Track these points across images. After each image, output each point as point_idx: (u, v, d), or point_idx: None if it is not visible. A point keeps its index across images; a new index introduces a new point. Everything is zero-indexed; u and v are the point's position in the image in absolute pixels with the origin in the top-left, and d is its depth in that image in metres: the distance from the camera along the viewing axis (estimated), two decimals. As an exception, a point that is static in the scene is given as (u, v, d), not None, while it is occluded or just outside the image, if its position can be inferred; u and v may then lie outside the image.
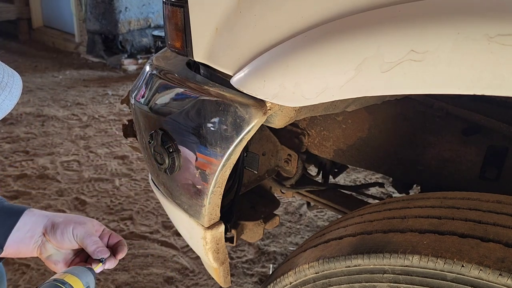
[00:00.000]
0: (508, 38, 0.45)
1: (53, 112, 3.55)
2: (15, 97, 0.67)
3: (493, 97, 0.94)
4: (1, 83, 0.65)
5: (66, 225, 0.82)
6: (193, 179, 0.84)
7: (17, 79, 0.70)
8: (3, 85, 0.65)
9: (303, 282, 0.74)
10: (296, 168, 1.21)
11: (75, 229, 0.82)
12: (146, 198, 2.37)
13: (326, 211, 2.29)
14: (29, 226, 0.82)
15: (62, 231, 0.82)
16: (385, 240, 0.63)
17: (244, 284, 1.79)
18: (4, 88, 0.65)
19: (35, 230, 0.82)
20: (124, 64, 4.89)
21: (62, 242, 0.82)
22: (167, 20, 0.88)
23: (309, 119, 1.22)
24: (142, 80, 0.98)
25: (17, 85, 0.69)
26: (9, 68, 0.70)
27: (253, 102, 0.72)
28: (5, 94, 0.65)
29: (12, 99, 0.66)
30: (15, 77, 0.70)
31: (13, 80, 0.68)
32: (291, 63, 0.63)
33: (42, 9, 5.95)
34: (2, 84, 0.65)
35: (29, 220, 0.82)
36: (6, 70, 0.69)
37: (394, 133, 1.12)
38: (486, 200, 0.65)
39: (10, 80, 0.67)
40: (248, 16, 0.70)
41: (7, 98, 0.65)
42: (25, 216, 0.82)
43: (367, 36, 0.54)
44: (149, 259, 1.91)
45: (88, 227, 0.84)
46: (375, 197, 1.73)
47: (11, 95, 0.66)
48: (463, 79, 0.48)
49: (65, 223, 0.82)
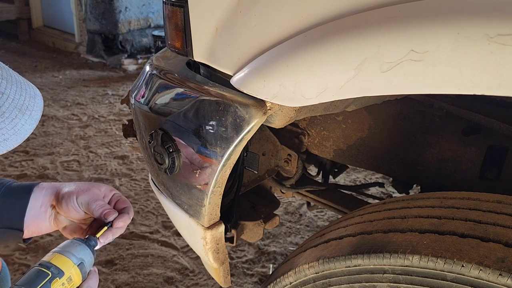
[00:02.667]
0: (508, 38, 0.45)
1: (53, 112, 3.55)
2: (35, 121, 0.65)
3: (493, 97, 0.94)
4: (22, 107, 0.62)
5: (69, 195, 0.80)
6: (193, 179, 0.84)
7: (39, 100, 0.67)
8: (24, 108, 0.63)
9: (303, 282, 0.74)
10: (296, 168, 1.21)
11: (79, 197, 0.80)
12: (146, 198, 2.37)
13: (326, 211, 2.29)
14: (40, 201, 0.80)
15: (67, 201, 0.80)
16: (385, 240, 0.63)
17: (244, 284, 1.79)
18: (24, 112, 0.62)
19: (47, 204, 0.81)
20: (124, 64, 4.89)
21: (69, 213, 0.80)
22: (167, 20, 0.88)
23: (309, 119, 1.22)
24: (142, 80, 0.98)
25: (38, 107, 0.66)
26: (31, 87, 0.68)
27: (253, 102, 0.72)
28: (25, 118, 0.62)
29: (32, 123, 0.64)
30: (37, 98, 0.67)
31: (34, 102, 0.65)
32: (291, 63, 0.63)
33: (42, 9, 5.95)
34: (23, 108, 0.62)
35: (39, 194, 0.81)
36: (29, 90, 0.66)
37: (394, 133, 1.12)
38: (486, 200, 0.65)
39: (31, 102, 0.64)
40: (248, 16, 0.70)
41: (27, 122, 0.62)
42: (35, 192, 0.81)
43: (367, 36, 0.54)
44: (149, 259, 1.91)
45: (94, 192, 0.81)
46: (375, 197, 1.73)
47: (31, 119, 0.63)
48: (463, 79, 0.48)
49: (69, 193, 0.80)
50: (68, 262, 0.68)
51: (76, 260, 0.69)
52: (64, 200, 0.80)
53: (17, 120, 0.61)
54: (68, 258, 0.68)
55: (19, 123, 0.61)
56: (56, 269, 0.66)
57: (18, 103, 0.62)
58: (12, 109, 0.60)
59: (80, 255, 0.70)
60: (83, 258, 0.70)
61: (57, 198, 0.81)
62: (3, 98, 0.59)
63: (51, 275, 0.65)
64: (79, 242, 0.72)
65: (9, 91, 0.61)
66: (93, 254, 0.73)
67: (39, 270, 0.65)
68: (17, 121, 0.61)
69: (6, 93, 0.60)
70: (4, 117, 0.59)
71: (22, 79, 0.68)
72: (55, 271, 0.65)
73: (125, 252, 1.94)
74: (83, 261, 0.70)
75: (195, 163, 0.82)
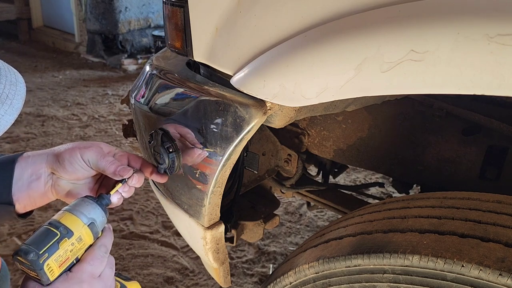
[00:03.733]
0: (508, 38, 0.45)
1: (53, 112, 3.55)
2: (16, 110, 0.59)
3: (493, 97, 0.94)
4: (1, 96, 0.57)
5: (71, 153, 0.73)
6: (193, 179, 0.84)
7: (21, 87, 0.62)
8: (4, 97, 0.58)
9: (303, 282, 0.74)
10: (296, 168, 1.21)
11: (83, 154, 0.73)
12: (146, 198, 2.37)
13: (326, 211, 2.29)
14: (29, 170, 0.73)
15: (70, 160, 0.73)
16: (385, 240, 0.63)
17: (244, 284, 1.79)
18: (4, 101, 0.57)
19: (39, 171, 0.74)
20: (124, 64, 4.89)
21: (75, 173, 0.74)
22: (167, 20, 0.88)
23: (309, 119, 1.22)
24: (142, 80, 0.98)
25: (19, 95, 0.61)
26: (12, 73, 0.63)
27: (253, 102, 0.72)
28: (4, 108, 0.57)
29: (12, 113, 0.58)
30: (18, 85, 0.62)
31: (16, 89, 0.61)
32: (291, 63, 0.63)
33: (42, 9, 5.95)
34: (3, 97, 0.58)
35: (25, 164, 0.73)
36: (9, 76, 0.61)
37: (394, 133, 1.12)
38: (486, 200, 0.65)
39: (12, 89, 0.60)
40: (248, 16, 0.70)
41: (7, 112, 0.57)
42: (20, 162, 0.73)
43: (367, 36, 0.54)
44: (149, 259, 1.91)
45: (97, 149, 0.75)
46: (375, 197, 1.73)
47: (11, 109, 0.58)
48: (463, 79, 0.48)
49: (70, 151, 0.74)
50: (78, 222, 0.65)
51: (86, 219, 0.66)
52: (66, 160, 0.73)
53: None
54: (78, 218, 0.65)
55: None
56: (65, 228, 0.63)
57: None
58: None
59: (91, 214, 0.67)
60: (94, 217, 0.67)
61: (57, 160, 0.73)
62: None
63: (60, 235, 0.63)
64: (90, 201, 0.69)
65: None
66: (106, 213, 0.70)
67: (48, 229, 0.63)
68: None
69: None
70: None
71: (4, 64, 0.63)
72: (64, 231, 0.63)
73: (125, 252, 1.94)
74: (94, 221, 0.67)
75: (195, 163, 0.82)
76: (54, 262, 0.61)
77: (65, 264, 0.63)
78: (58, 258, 0.62)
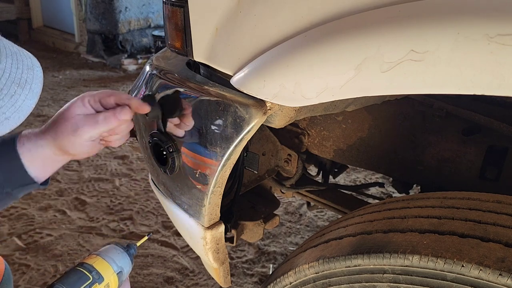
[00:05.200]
0: (508, 38, 0.45)
1: (53, 112, 3.55)
2: (36, 95, 0.58)
3: (493, 97, 0.94)
4: (20, 81, 0.56)
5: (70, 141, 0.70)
6: (193, 179, 0.84)
7: (37, 71, 0.61)
8: (23, 82, 0.57)
9: (303, 282, 0.74)
10: (296, 168, 1.21)
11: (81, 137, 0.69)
12: (146, 198, 2.37)
13: (326, 211, 2.29)
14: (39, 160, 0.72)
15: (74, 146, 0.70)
16: (385, 240, 0.63)
17: (244, 284, 1.79)
18: (24, 86, 0.56)
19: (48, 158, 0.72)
20: (124, 64, 4.89)
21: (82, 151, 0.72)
22: (167, 20, 0.88)
23: (309, 119, 1.22)
24: (142, 80, 0.98)
25: (38, 79, 0.60)
26: (28, 57, 0.61)
27: (253, 102, 0.72)
28: (25, 93, 0.56)
29: (33, 98, 0.58)
30: (35, 69, 0.61)
31: (33, 74, 0.60)
32: (291, 63, 0.63)
33: (42, 9, 5.95)
34: (22, 82, 0.56)
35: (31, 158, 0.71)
36: (26, 61, 0.60)
37: (394, 133, 1.12)
38: (486, 200, 0.65)
39: (29, 74, 0.59)
40: (248, 16, 0.70)
41: (28, 97, 0.57)
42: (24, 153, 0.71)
43: (367, 36, 0.54)
44: (149, 259, 1.91)
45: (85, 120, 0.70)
46: (375, 197, 1.73)
47: (31, 93, 0.57)
48: (463, 79, 0.48)
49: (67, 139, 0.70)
50: (109, 269, 0.68)
51: (116, 268, 0.69)
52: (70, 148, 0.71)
53: (16, 96, 0.55)
54: (109, 265, 0.68)
55: (19, 99, 0.56)
56: (97, 274, 0.66)
57: (16, 77, 0.56)
58: (10, 84, 0.55)
59: (120, 263, 0.70)
60: (122, 266, 0.70)
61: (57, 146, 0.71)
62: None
63: (92, 279, 0.65)
64: (120, 250, 0.71)
65: (4, 65, 0.56)
66: (132, 263, 0.73)
67: (82, 272, 0.65)
68: (17, 97, 0.55)
69: (1, 68, 0.55)
70: (3, 94, 0.54)
71: (18, 49, 0.62)
72: (96, 276, 0.66)
73: (125, 252, 1.94)
74: (122, 270, 0.70)
75: (195, 163, 0.82)
76: None
77: None
78: None
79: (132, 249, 0.74)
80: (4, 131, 0.55)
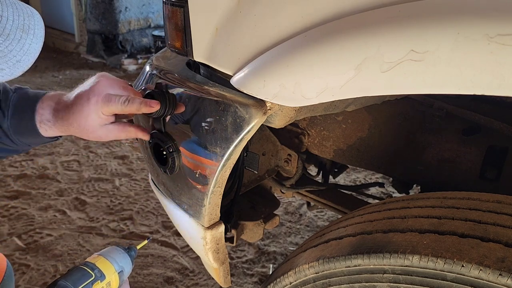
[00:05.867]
0: (508, 38, 0.45)
1: (53, 112, 3.55)
2: (40, 39, 0.63)
3: (493, 97, 0.94)
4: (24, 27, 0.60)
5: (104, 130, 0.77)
6: (193, 179, 0.84)
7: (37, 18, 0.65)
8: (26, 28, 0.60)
9: (303, 282, 0.74)
10: (296, 168, 1.21)
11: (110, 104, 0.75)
12: (146, 198, 2.37)
13: (326, 211, 2.29)
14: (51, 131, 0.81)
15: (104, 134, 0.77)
16: (385, 240, 0.63)
17: (244, 284, 1.79)
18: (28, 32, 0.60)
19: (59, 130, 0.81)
20: (124, 64, 4.89)
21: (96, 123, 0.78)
22: (167, 20, 0.88)
23: (309, 119, 1.22)
24: (142, 80, 0.98)
25: (39, 25, 0.64)
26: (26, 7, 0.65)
27: (253, 102, 0.72)
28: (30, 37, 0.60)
29: (38, 42, 0.62)
30: (35, 16, 0.65)
31: (34, 20, 0.63)
32: (291, 63, 0.63)
33: (42, 9, 5.95)
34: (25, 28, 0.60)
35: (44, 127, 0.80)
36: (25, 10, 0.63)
37: (394, 133, 1.12)
38: (486, 200, 0.65)
39: (31, 21, 0.62)
40: (248, 16, 0.70)
41: (33, 41, 0.61)
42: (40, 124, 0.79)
43: (367, 36, 0.54)
44: (149, 259, 1.91)
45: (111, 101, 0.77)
46: (375, 197, 1.73)
47: (36, 38, 0.62)
48: (463, 79, 0.48)
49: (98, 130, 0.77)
50: (111, 268, 0.70)
51: (118, 267, 0.71)
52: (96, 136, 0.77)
53: (23, 41, 0.59)
54: (111, 264, 0.70)
55: (26, 43, 0.60)
56: (99, 272, 0.68)
57: (19, 24, 0.60)
58: (15, 30, 0.59)
59: (121, 263, 0.72)
60: (123, 266, 0.72)
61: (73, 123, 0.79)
62: (3, 20, 0.58)
63: (94, 277, 0.67)
64: (122, 251, 0.74)
65: (7, 13, 0.59)
66: (132, 264, 0.75)
67: (84, 270, 0.67)
68: (23, 41, 0.59)
69: (4, 16, 0.58)
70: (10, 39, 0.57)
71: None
72: (98, 274, 0.68)
73: (125, 252, 1.94)
74: (123, 270, 0.72)
75: (195, 163, 0.82)
76: None
77: None
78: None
79: (133, 251, 0.77)
80: (17, 73, 0.59)
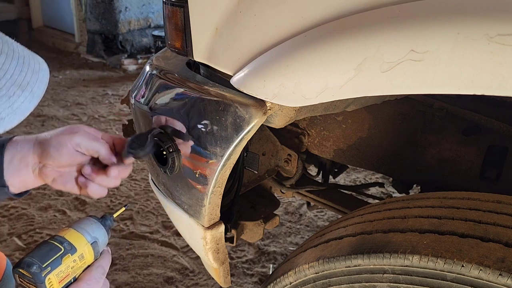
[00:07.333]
0: (508, 38, 0.45)
1: (53, 112, 3.55)
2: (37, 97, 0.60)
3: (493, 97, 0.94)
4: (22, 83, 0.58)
5: (58, 140, 0.73)
6: (193, 179, 0.84)
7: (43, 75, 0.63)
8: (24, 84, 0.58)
9: (303, 282, 0.74)
10: (296, 168, 1.21)
11: (72, 139, 0.73)
12: (146, 198, 2.37)
13: (326, 211, 2.29)
14: (18, 157, 0.73)
15: (56, 147, 0.72)
16: (385, 240, 0.63)
17: (244, 284, 1.79)
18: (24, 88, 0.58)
19: (27, 158, 0.74)
20: (124, 64, 4.89)
21: (60, 159, 0.73)
22: (167, 20, 0.88)
23: (309, 119, 1.22)
24: (142, 80, 0.98)
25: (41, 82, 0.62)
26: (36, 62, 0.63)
27: (253, 102, 0.72)
28: (25, 95, 0.58)
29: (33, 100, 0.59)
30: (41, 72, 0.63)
31: (37, 77, 0.61)
32: (291, 63, 0.63)
33: (42, 9, 5.95)
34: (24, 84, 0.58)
35: (15, 151, 0.73)
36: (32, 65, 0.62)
37: (394, 133, 1.12)
38: (486, 200, 0.65)
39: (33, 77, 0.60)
40: (248, 16, 0.70)
41: (27, 99, 0.58)
42: (9, 148, 0.73)
43: (367, 36, 0.54)
44: (149, 259, 1.91)
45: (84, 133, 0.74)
46: (375, 197, 1.73)
47: (32, 95, 0.59)
48: (463, 79, 0.48)
49: (57, 137, 0.74)
50: (82, 239, 0.66)
51: (90, 238, 0.67)
52: (52, 147, 0.73)
53: (15, 98, 0.57)
54: (82, 235, 0.66)
55: (18, 101, 0.57)
56: (69, 245, 0.64)
57: (17, 79, 0.58)
58: (9, 85, 0.56)
59: (94, 233, 0.68)
60: (97, 237, 0.68)
61: (43, 149, 0.73)
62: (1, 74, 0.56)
63: (64, 250, 0.63)
64: (94, 220, 0.70)
65: (8, 67, 0.57)
66: (108, 234, 0.71)
67: (52, 244, 0.63)
68: (15, 98, 0.57)
69: (3, 69, 0.56)
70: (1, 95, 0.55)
71: (29, 53, 0.64)
72: (68, 247, 0.64)
73: (125, 252, 1.94)
74: (96, 240, 0.68)
75: (195, 163, 0.82)
76: (55, 277, 0.61)
77: (64, 281, 0.63)
78: (59, 274, 0.62)
79: (108, 220, 0.72)
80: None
